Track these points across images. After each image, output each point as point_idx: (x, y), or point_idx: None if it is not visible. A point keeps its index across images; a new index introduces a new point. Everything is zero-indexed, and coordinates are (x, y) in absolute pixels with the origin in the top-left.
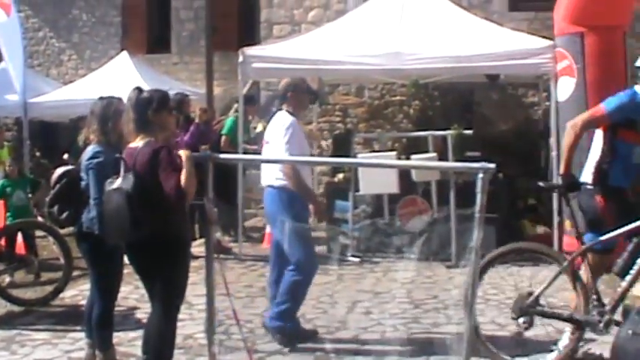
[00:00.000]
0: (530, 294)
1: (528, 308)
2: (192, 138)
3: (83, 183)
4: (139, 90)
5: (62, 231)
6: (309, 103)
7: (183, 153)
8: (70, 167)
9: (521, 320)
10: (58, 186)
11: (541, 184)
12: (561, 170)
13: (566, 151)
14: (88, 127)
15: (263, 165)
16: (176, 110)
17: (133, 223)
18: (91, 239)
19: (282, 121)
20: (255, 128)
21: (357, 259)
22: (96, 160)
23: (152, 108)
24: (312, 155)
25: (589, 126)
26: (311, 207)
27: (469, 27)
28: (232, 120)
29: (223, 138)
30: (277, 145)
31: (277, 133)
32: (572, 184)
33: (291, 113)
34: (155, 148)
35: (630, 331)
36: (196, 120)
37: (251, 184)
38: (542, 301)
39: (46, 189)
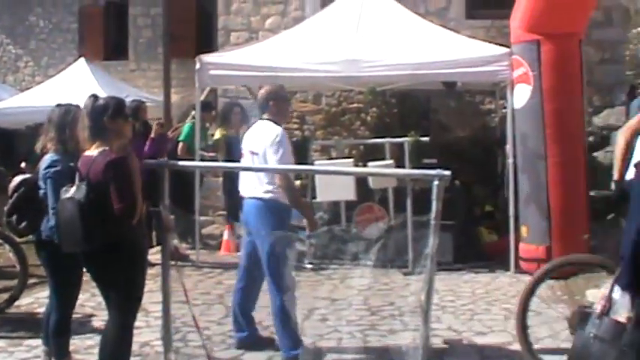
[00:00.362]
0: (585, 307)
1: None
2: (150, 151)
3: (41, 192)
4: (95, 97)
5: (20, 238)
6: (289, 110)
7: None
8: (27, 176)
9: None
10: (15, 195)
11: (593, 193)
12: (615, 177)
13: (618, 158)
14: (46, 134)
15: (244, 175)
16: (132, 117)
17: (85, 232)
18: (51, 247)
19: (271, 132)
20: (212, 135)
21: (310, 266)
22: (53, 169)
23: (108, 115)
24: None
25: (638, 131)
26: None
27: (426, 34)
28: (189, 126)
29: (180, 144)
30: (270, 159)
31: (268, 146)
32: (625, 191)
33: (276, 123)
34: (111, 159)
35: (592, 334)
36: (152, 135)
37: (209, 192)
38: None
39: (3, 197)
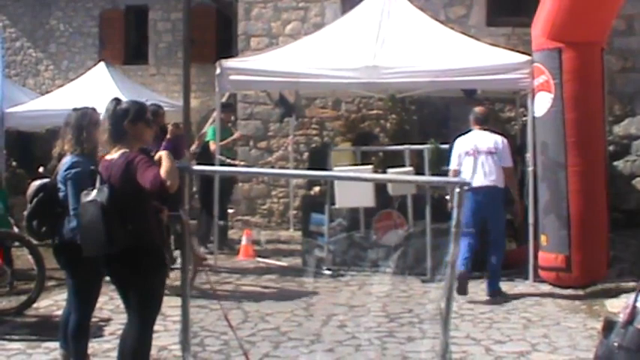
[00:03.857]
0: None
1: None
2: None
3: (61, 194)
4: (117, 101)
5: (40, 242)
6: None
7: (162, 153)
8: (45, 180)
9: None
10: (35, 200)
11: None
12: None
13: None
14: (62, 138)
15: (480, 169)
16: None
17: (108, 235)
18: (71, 250)
19: (503, 139)
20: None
21: (329, 272)
22: (74, 170)
23: (128, 119)
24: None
25: None
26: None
27: (446, 41)
28: (213, 128)
29: (211, 143)
30: (506, 157)
31: (505, 148)
32: None
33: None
34: (129, 158)
35: (616, 344)
36: (168, 135)
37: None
38: None
39: (22, 200)
